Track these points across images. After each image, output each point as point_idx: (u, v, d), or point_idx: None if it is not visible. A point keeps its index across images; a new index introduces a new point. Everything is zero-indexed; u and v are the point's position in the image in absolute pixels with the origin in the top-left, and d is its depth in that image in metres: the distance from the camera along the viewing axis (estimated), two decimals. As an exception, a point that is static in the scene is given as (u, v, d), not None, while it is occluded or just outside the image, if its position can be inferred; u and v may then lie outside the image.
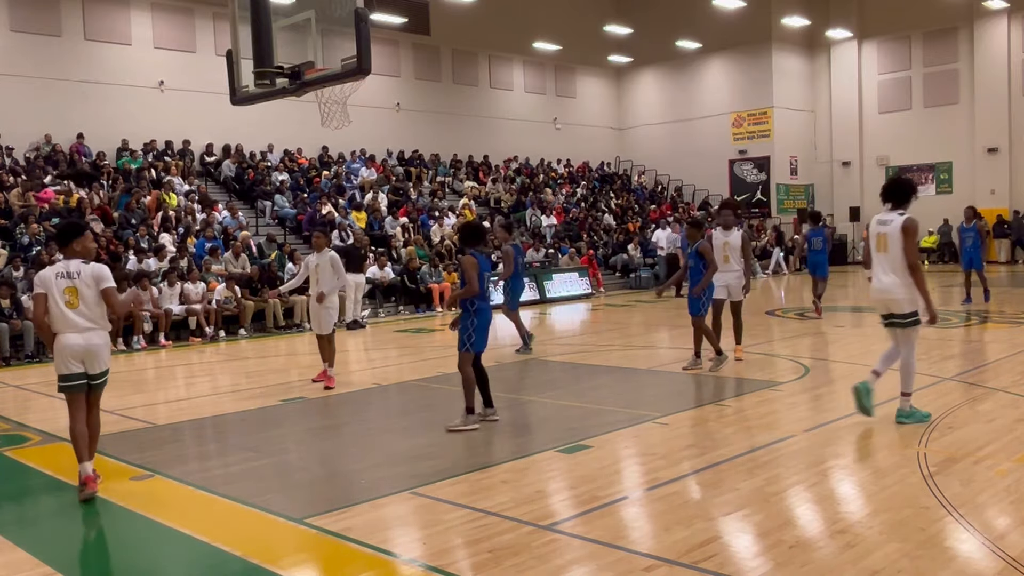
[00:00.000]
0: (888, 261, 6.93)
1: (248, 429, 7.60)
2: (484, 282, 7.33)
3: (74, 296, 5.88)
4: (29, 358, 13.65)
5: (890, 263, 6.92)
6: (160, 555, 4.97)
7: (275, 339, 15.94)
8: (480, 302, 7.30)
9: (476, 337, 7.32)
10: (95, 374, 6.01)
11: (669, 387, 9.62)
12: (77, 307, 5.88)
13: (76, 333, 5.89)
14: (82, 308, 5.89)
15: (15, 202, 17.50)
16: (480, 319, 7.32)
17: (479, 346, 7.38)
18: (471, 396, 7.43)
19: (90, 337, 5.93)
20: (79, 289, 5.88)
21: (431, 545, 4.75)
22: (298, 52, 8.99)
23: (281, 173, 23.36)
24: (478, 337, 7.33)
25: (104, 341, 6.05)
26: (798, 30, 31.83)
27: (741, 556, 4.47)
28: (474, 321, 7.29)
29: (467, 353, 7.35)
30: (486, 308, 7.38)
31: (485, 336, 7.44)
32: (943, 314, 15.05)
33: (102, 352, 6.01)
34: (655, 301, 19.12)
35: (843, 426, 7.19)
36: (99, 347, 5.99)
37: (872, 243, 7.11)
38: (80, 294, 5.88)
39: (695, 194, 33.52)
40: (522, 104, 32.53)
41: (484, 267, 7.39)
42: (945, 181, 30.59)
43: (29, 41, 21.11)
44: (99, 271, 5.99)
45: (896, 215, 6.97)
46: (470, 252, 7.39)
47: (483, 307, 7.33)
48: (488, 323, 7.44)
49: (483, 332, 7.38)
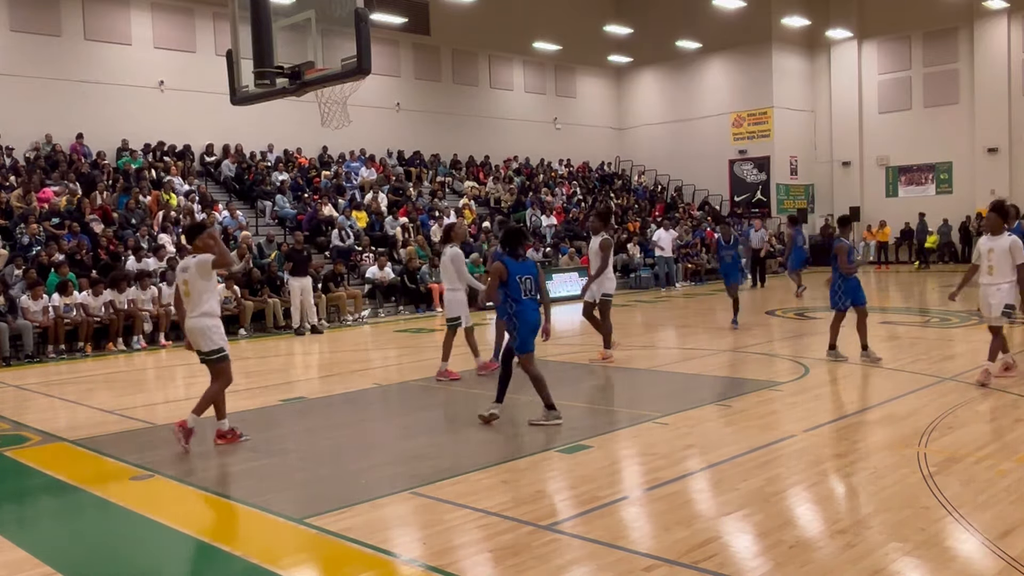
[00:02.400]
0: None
1: (248, 429, 7.60)
2: (518, 285, 7.36)
3: (186, 287, 7.18)
4: (29, 358, 13.65)
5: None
6: (160, 555, 4.97)
7: (275, 339, 15.93)
8: (516, 305, 7.36)
9: (520, 340, 7.41)
10: (202, 352, 7.20)
11: (669, 387, 9.62)
12: (189, 296, 7.15)
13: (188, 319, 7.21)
14: (193, 296, 7.12)
15: (15, 202, 17.50)
16: (520, 320, 7.38)
17: (524, 347, 7.43)
18: (545, 393, 7.47)
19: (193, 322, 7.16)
20: (189, 281, 7.15)
21: (431, 545, 4.75)
22: (298, 52, 8.98)
23: (281, 173, 23.36)
24: (522, 339, 7.41)
25: (205, 325, 7.13)
26: (798, 30, 31.83)
27: (741, 556, 4.47)
28: (515, 323, 7.38)
29: (523, 354, 7.42)
30: (524, 310, 7.40)
31: (530, 336, 7.47)
32: (944, 314, 15.06)
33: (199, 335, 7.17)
34: (655, 301, 19.13)
35: (843, 426, 7.19)
36: (196, 330, 7.15)
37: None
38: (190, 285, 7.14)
39: (695, 194, 33.52)
40: (522, 104, 32.53)
41: (516, 271, 7.40)
42: (945, 181, 30.59)
43: (29, 41, 21.11)
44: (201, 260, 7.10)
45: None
46: (503, 257, 7.49)
47: (520, 309, 7.38)
48: (532, 323, 7.45)
49: (528, 333, 7.42)
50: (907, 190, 31.35)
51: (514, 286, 7.35)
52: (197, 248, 7.28)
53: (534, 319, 7.47)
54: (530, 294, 7.43)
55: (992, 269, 8.51)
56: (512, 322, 7.42)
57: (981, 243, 8.76)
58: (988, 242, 8.61)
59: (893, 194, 31.62)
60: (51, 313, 14.15)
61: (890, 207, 30.91)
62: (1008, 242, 8.43)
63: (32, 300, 14.03)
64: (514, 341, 7.44)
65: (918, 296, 20.10)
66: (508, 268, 7.37)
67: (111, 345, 14.65)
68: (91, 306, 14.57)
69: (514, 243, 7.55)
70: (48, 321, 14.10)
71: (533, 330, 7.46)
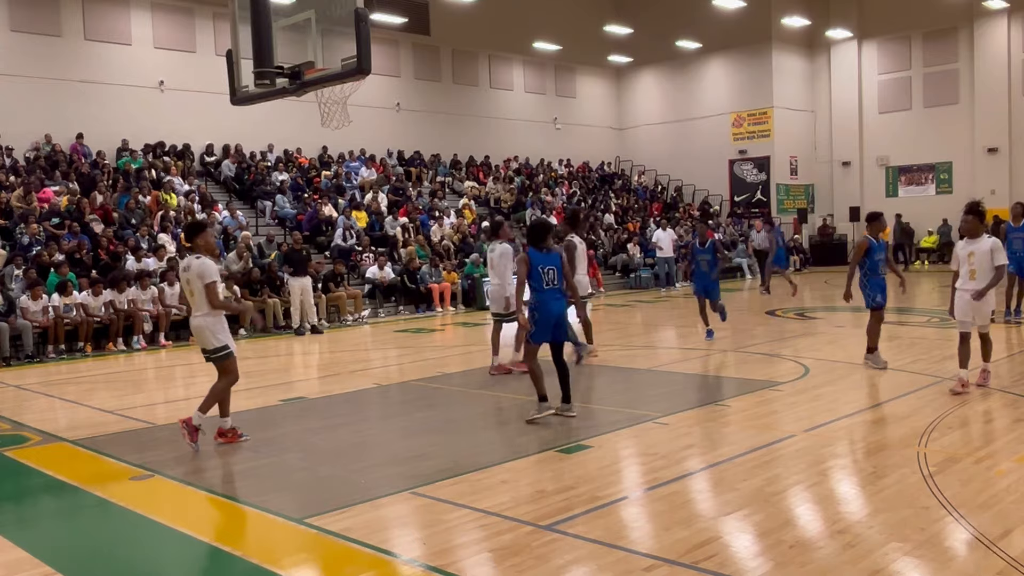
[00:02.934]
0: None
1: (248, 429, 7.60)
2: (540, 274, 7.53)
3: (189, 286, 7.28)
4: (29, 358, 13.65)
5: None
6: (160, 555, 4.97)
7: (275, 339, 15.93)
8: (536, 295, 7.51)
9: (536, 329, 7.55)
10: (207, 350, 7.32)
11: (669, 387, 9.62)
12: (193, 295, 7.25)
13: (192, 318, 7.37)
14: (196, 296, 7.20)
15: (15, 202, 17.50)
16: (540, 311, 7.52)
17: (538, 338, 7.59)
18: (540, 385, 7.60)
19: (196, 321, 7.27)
20: (191, 281, 7.22)
21: (431, 545, 4.75)
22: (298, 52, 8.98)
23: (281, 173, 23.35)
24: (538, 329, 7.55)
25: (204, 324, 7.20)
26: (798, 30, 31.82)
27: (741, 556, 4.47)
28: (534, 314, 7.54)
29: (529, 345, 7.58)
30: (544, 300, 7.54)
31: (546, 328, 7.59)
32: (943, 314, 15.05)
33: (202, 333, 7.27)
34: (655, 301, 19.12)
35: (843, 426, 7.19)
36: (199, 328, 7.26)
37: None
38: (192, 285, 7.21)
39: (695, 194, 33.52)
40: (522, 104, 32.52)
41: (539, 261, 7.56)
42: (945, 181, 30.59)
43: (29, 41, 21.10)
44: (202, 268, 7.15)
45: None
46: (527, 250, 7.65)
47: (539, 300, 7.54)
48: (550, 315, 7.56)
49: (544, 324, 7.55)
50: (907, 190, 31.36)
51: (536, 276, 7.55)
52: (197, 247, 7.31)
53: (554, 309, 7.59)
54: (552, 284, 7.58)
55: (974, 273, 8.19)
56: (532, 312, 7.56)
57: (959, 248, 8.43)
58: (967, 246, 8.29)
59: (893, 194, 31.61)
60: (51, 313, 14.15)
61: (890, 207, 30.89)
62: (989, 244, 8.16)
63: (32, 300, 14.03)
64: (529, 331, 7.57)
65: (919, 296, 20.09)
66: (531, 259, 7.58)
67: (111, 345, 14.65)
68: (91, 306, 14.57)
69: (538, 236, 7.73)
70: (48, 321, 14.09)
71: (550, 320, 7.56)
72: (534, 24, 30.96)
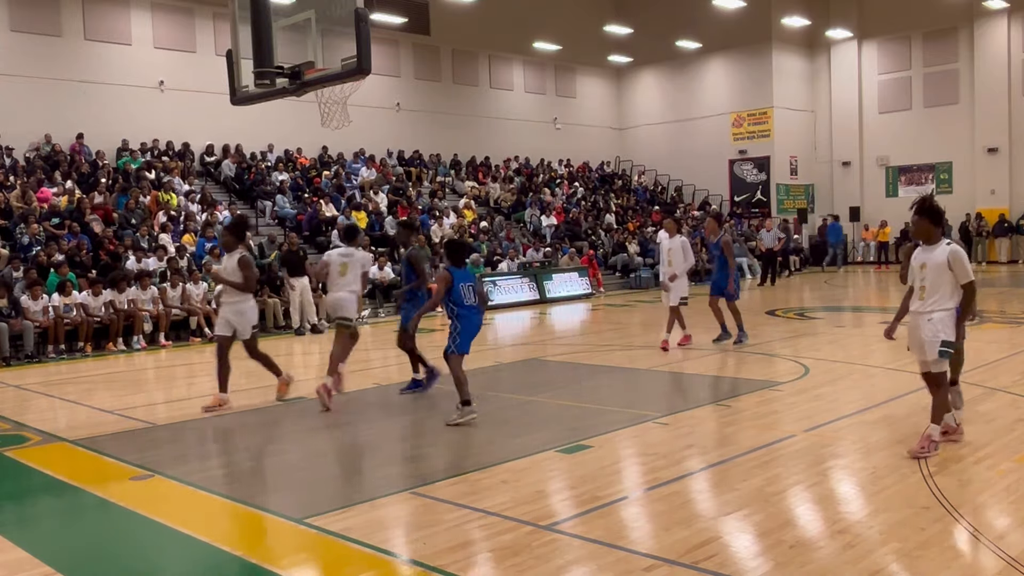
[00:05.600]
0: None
1: (248, 429, 7.61)
2: (461, 292, 7.80)
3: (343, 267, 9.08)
4: (29, 358, 13.65)
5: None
6: (160, 555, 4.97)
7: (275, 339, 15.93)
8: (460, 309, 7.77)
9: (460, 340, 7.80)
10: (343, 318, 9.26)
11: (669, 387, 9.62)
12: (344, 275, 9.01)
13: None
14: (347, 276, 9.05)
15: (15, 202, 17.50)
16: (463, 324, 7.80)
17: (461, 348, 7.84)
18: (464, 390, 7.75)
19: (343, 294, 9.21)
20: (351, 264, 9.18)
21: (431, 545, 4.75)
22: (298, 52, 8.99)
23: (281, 173, 23.35)
24: (462, 340, 7.81)
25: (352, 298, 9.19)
26: (798, 30, 31.82)
27: (741, 556, 4.47)
28: (457, 326, 7.80)
29: (453, 355, 7.79)
30: (467, 315, 7.81)
31: (468, 340, 7.88)
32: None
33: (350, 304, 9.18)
34: (655, 301, 19.09)
35: (843, 426, 7.19)
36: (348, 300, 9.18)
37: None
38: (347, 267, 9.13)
39: (695, 194, 33.52)
40: (522, 104, 32.52)
41: (460, 279, 7.85)
42: (945, 181, 30.58)
43: (29, 41, 21.10)
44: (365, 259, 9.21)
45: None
46: (447, 268, 7.92)
47: (463, 314, 7.80)
48: (473, 328, 7.88)
49: (467, 336, 7.85)
50: (907, 190, 31.31)
51: (457, 293, 7.78)
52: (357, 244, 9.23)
53: (475, 324, 7.92)
54: (472, 301, 7.86)
55: (923, 292, 6.17)
56: (455, 325, 7.80)
57: (914, 258, 6.37)
58: (921, 255, 6.25)
59: (893, 194, 31.60)
60: (51, 313, 14.15)
61: (890, 207, 30.90)
62: (946, 253, 6.04)
63: (32, 300, 14.03)
64: (455, 342, 7.78)
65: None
66: (453, 277, 7.81)
67: (111, 345, 14.64)
68: (91, 306, 14.57)
69: (457, 255, 8.01)
70: (48, 321, 14.09)
71: (472, 335, 7.90)
72: (534, 24, 30.95)
